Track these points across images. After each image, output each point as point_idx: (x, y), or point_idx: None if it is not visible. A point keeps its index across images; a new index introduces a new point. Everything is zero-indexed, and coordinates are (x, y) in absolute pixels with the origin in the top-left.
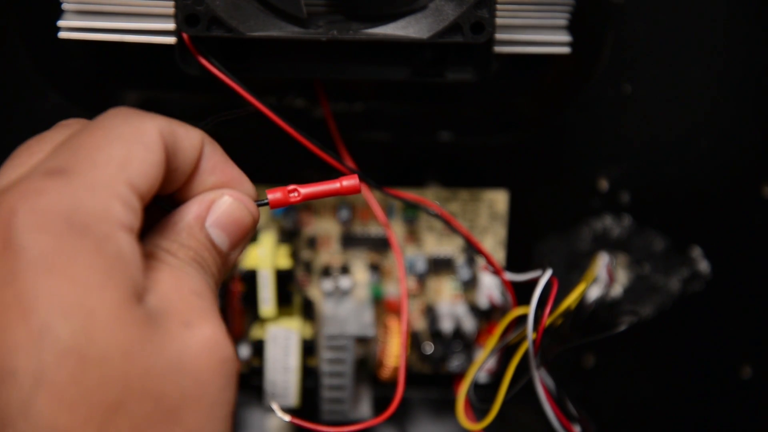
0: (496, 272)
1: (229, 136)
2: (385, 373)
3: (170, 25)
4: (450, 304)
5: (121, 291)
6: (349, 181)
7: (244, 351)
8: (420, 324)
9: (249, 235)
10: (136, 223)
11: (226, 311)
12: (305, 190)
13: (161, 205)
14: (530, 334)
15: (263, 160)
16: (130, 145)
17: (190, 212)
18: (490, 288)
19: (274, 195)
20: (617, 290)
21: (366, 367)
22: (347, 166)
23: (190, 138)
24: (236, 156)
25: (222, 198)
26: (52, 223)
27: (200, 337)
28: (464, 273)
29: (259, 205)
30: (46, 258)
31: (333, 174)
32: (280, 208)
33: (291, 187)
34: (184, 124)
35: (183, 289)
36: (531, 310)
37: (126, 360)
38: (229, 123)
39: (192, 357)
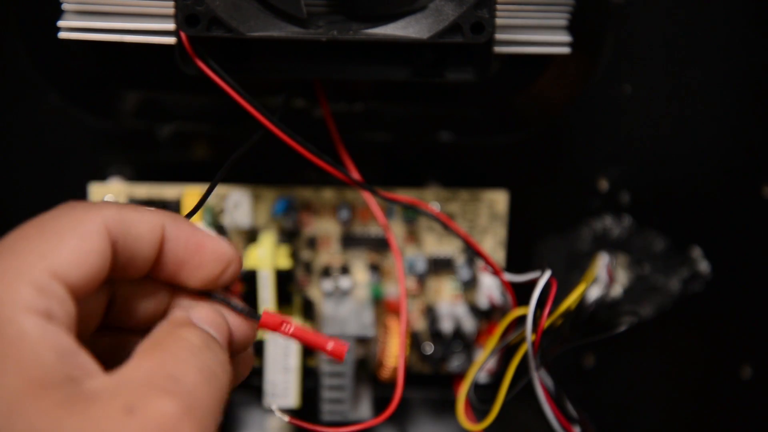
0: (496, 273)
1: (229, 137)
2: (385, 373)
3: (170, 26)
4: (450, 305)
5: (22, 376)
6: (339, 347)
7: None
8: (420, 324)
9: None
10: (59, 309)
11: None
12: (299, 330)
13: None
14: (530, 334)
15: (264, 161)
16: (62, 236)
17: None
18: (490, 288)
19: (269, 317)
20: (617, 290)
21: (366, 367)
22: (344, 171)
23: (144, 223)
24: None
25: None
26: None
27: (141, 421)
28: (464, 273)
29: (249, 316)
30: None
31: (333, 175)
32: (269, 330)
33: (287, 319)
34: (140, 209)
35: (159, 372)
36: (530, 310)
37: None
38: (229, 124)
39: None
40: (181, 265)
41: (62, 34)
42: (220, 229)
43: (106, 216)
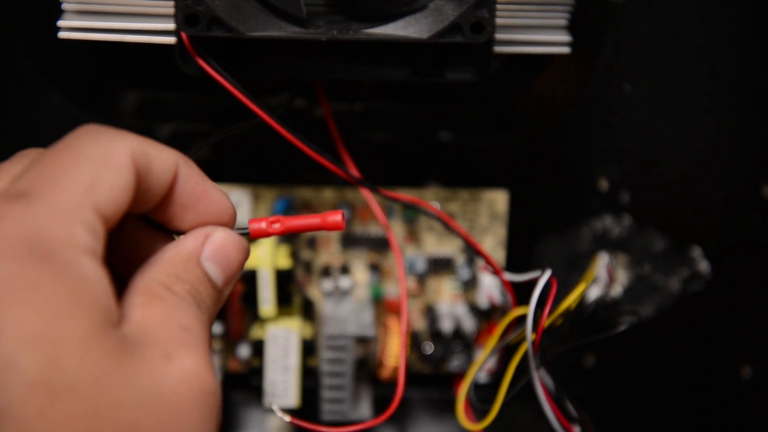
0: (496, 273)
1: (229, 137)
2: (385, 373)
3: (170, 25)
4: (450, 304)
5: (88, 318)
6: (333, 217)
7: (244, 351)
8: (420, 324)
9: (241, 270)
10: (100, 248)
11: (226, 311)
12: (288, 222)
13: (152, 223)
14: (530, 334)
15: (264, 160)
16: (99, 167)
17: (186, 246)
18: (490, 288)
19: (256, 225)
20: (617, 290)
21: (366, 367)
22: (345, 169)
23: (163, 160)
24: (237, 156)
25: (215, 233)
26: (14, 248)
27: (180, 369)
28: (464, 273)
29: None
30: (9, 286)
31: (333, 175)
32: (261, 238)
33: (273, 218)
34: (158, 145)
35: (170, 323)
36: (530, 310)
37: (96, 391)
38: (229, 124)
39: (170, 389)
40: (183, 208)
41: (62, 34)
42: None
43: (132, 148)
